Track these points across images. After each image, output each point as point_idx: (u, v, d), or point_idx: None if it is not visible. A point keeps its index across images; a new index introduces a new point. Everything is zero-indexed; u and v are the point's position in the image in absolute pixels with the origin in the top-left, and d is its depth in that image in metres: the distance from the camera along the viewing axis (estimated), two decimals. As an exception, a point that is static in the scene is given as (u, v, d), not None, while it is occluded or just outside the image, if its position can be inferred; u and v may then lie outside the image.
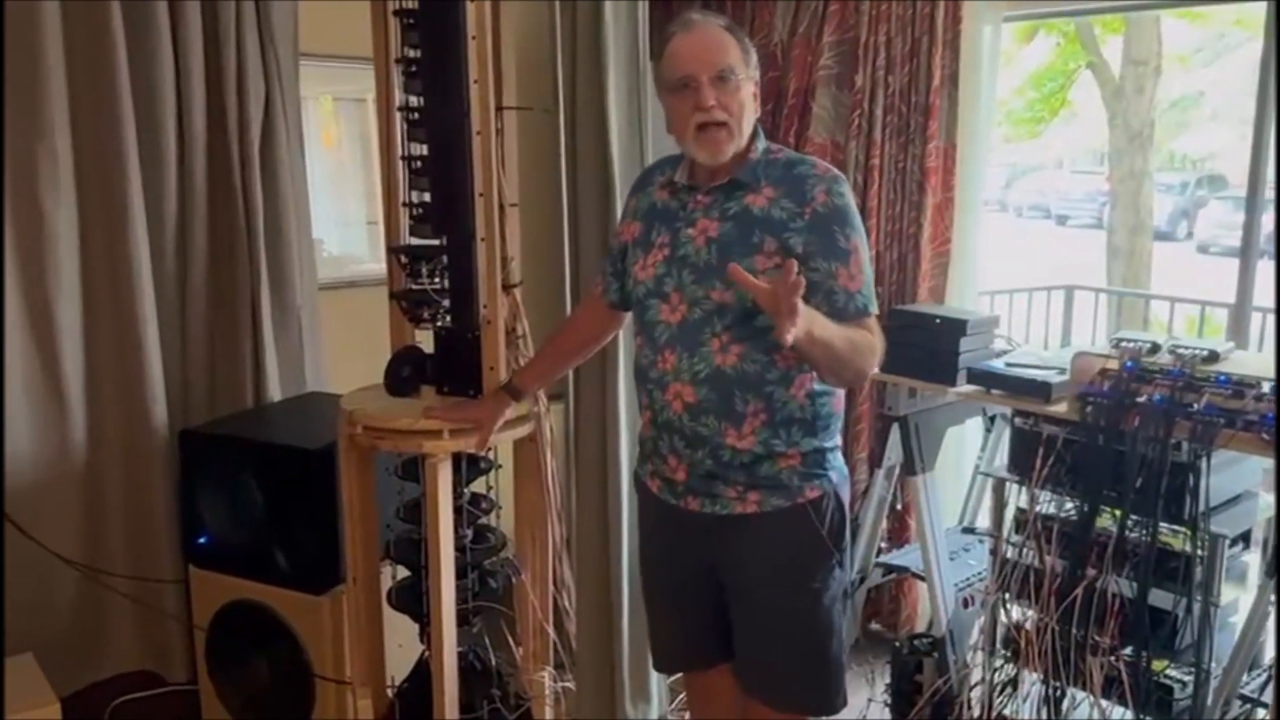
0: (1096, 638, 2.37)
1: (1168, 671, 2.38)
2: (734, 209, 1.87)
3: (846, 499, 2.00)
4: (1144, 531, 2.30)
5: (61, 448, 2.66)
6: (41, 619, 2.64)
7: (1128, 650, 2.35)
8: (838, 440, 1.99)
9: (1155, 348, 2.34)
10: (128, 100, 2.62)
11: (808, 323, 1.64)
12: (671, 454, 1.94)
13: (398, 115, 2.21)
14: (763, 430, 1.87)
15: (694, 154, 1.88)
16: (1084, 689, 2.44)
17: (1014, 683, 2.60)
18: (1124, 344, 2.36)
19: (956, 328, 2.69)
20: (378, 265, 3.20)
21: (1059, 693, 2.48)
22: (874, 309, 1.86)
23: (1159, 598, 2.33)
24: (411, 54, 2.13)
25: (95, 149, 2.64)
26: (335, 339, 3.12)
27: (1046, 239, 13.46)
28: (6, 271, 2.52)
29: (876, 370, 1.87)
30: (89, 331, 2.69)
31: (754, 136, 1.92)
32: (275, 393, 2.92)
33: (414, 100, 2.16)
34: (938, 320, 2.74)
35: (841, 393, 1.98)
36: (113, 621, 2.80)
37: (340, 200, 3.41)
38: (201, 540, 2.68)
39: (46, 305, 2.59)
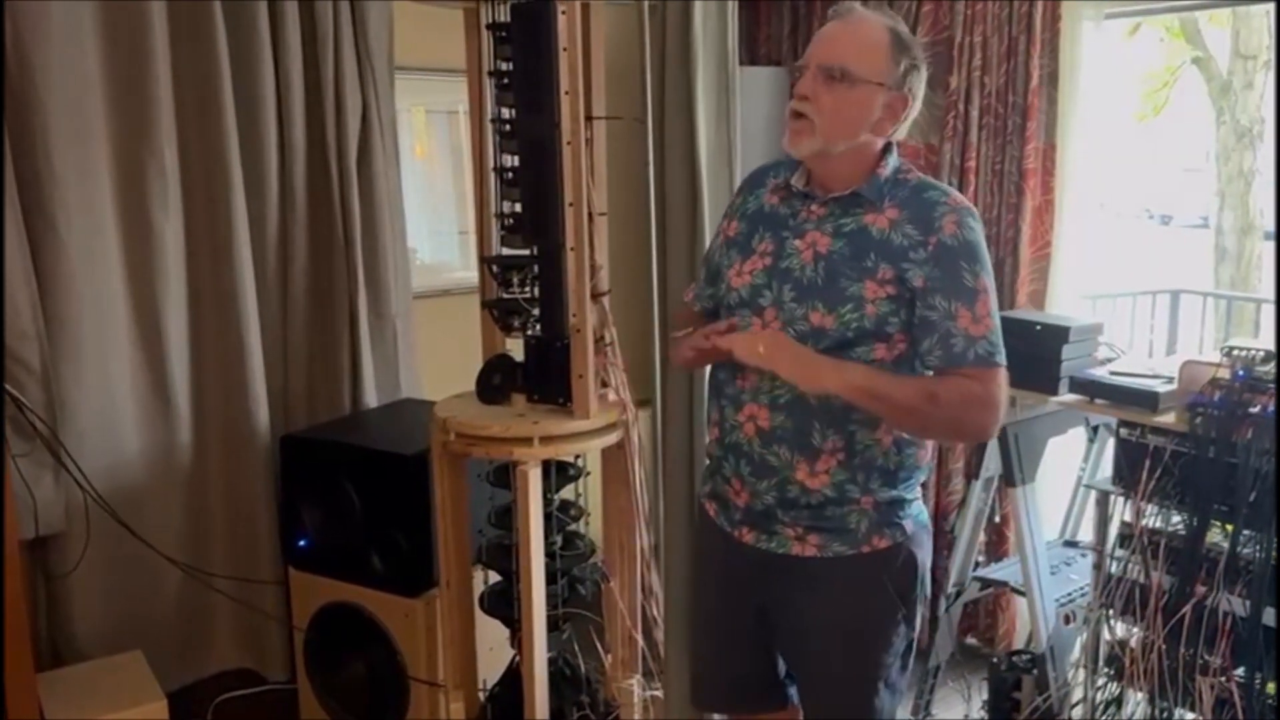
0: (1206, 657, 2.28)
1: (1283, 694, 2.27)
2: (850, 226, 1.72)
3: (923, 553, 1.84)
4: (1258, 547, 2.20)
5: (168, 451, 2.75)
6: (149, 617, 2.74)
7: (1240, 671, 2.26)
8: (919, 491, 1.85)
9: (1269, 356, 2.24)
10: (231, 114, 2.71)
11: (804, 366, 1.56)
12: (735, 477, 1.83)
13: (490, 127, 2.23)
14: (838, 471, 1.74)
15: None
16: (1192, 710, 2.34)
17: (1118, 702, 2.52)
18: (1235, 352, 2.27)
19: (1058, 335, 2.61)
20: (469, 273, 3.25)
21: (1166, 713, 2.38)
22: (997, 359, 1.67)
23: (1273, 616, 2.22)
24: (504, 66, 2.15)
25: (201, 162, 2.73)
26: (428, 346, 3.18)
27: (1149, 240, 13.01)
28: (117, 280, 2.63)
29: (994, 430, 1.69)
30: (195, 339, 2.79)
31: (885, 153, 1.76)
32: (371, 399, 2.99)
33: (506, 112, 2.18)
34: (1038, 327, 2.66)
35: (930, 443, 1.84)
36: (215, 621, 2.89)
37: (432, 210, 3.46)
38: (301, 543, 2.74)
39: (155, 314, 2.68)
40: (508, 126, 2.18)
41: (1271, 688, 2.25)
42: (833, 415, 1.72)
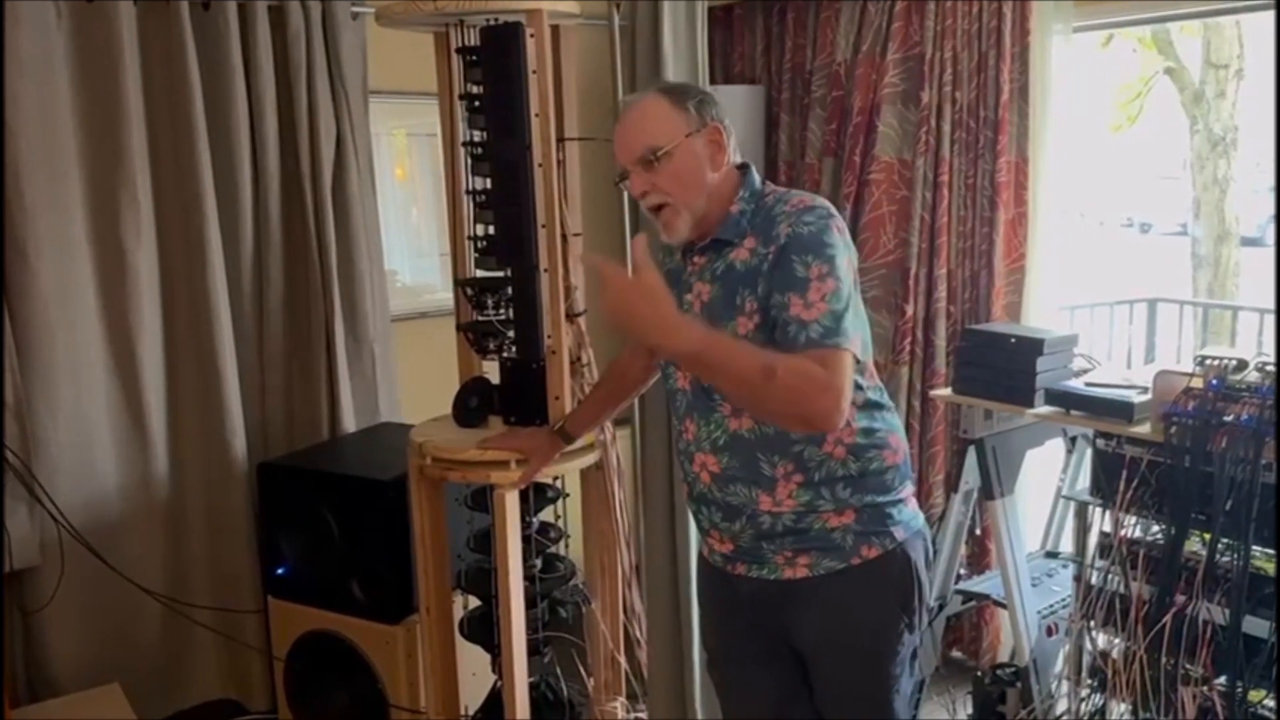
0: (1188, 667, 2.28)
1: (1265, 702, 2.27)
2: (721, 267, 1.78)
3: (919, 556, 1.83)
4: (1235, 556, 2.21)
5: (145, 482, 2.74)
6: (127, 650, 2.71)
7: (1221, 680, 2.26)
8: (903, 493, 1.83)
9: (1242, 365, 2.25)
10: (204, 141, 2.71)
11: (668, 328, 1.49)
12: (713, 528, 1.86)
13: (462, 150, 2.24)
14: (801, 492, 1.75)
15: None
16: (1175, 720, 2.34)
17: (1102, 713, 2.52)
18: (1208, 362, 2.28)
19: (1032, 347, 2.61)
20: (450, 295, 3.25)
21: (1149, 724, 2.39)
22: (834, 341, 1.60)
23: (1254, 625, 2.23)
24: (475, 90, 2.16)
25: (175, 190, 2.73)
26: (409, 369, 3.16)
27: (1128, 248, 13.10)
28: (91, 312, 2.61)
29: (837, 418, 1.57)
30: (170, 368, 2.77)
31: (740, 185, 1.80)
32: (350, 424, 2.98)
33: (478, 135, 2.19)
34: (1013, 339, 2.67)
35: (895, 444, 1.80)
36: (195, 652, 2.86)
37: (413, 232, 3.46)
38: (280, 571, 2.73)
39: (129, 343, 2.67)
40: (480, 150, 2.19)
41: (1254, 695, 2.25)
42: (771, 443, 1.74)
